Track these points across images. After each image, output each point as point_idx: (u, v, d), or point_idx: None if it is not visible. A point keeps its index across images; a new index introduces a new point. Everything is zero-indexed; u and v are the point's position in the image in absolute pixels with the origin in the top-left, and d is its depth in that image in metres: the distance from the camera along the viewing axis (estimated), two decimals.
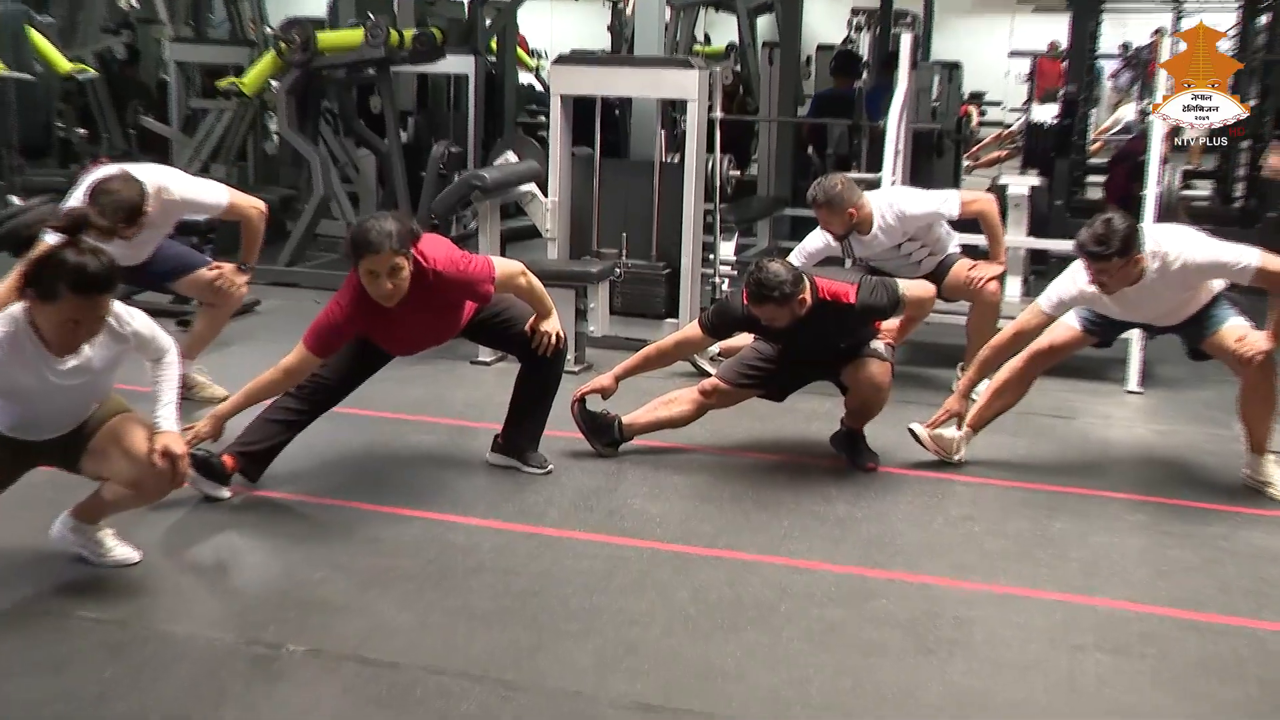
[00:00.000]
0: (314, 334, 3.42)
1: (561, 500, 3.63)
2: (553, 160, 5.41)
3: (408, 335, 3.57)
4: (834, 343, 3.84)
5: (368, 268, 3.29)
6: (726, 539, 3.37)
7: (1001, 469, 4.00)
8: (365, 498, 3.59)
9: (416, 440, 4.15)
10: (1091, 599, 3.05)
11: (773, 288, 3.58)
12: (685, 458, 4.05)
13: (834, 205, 4.45)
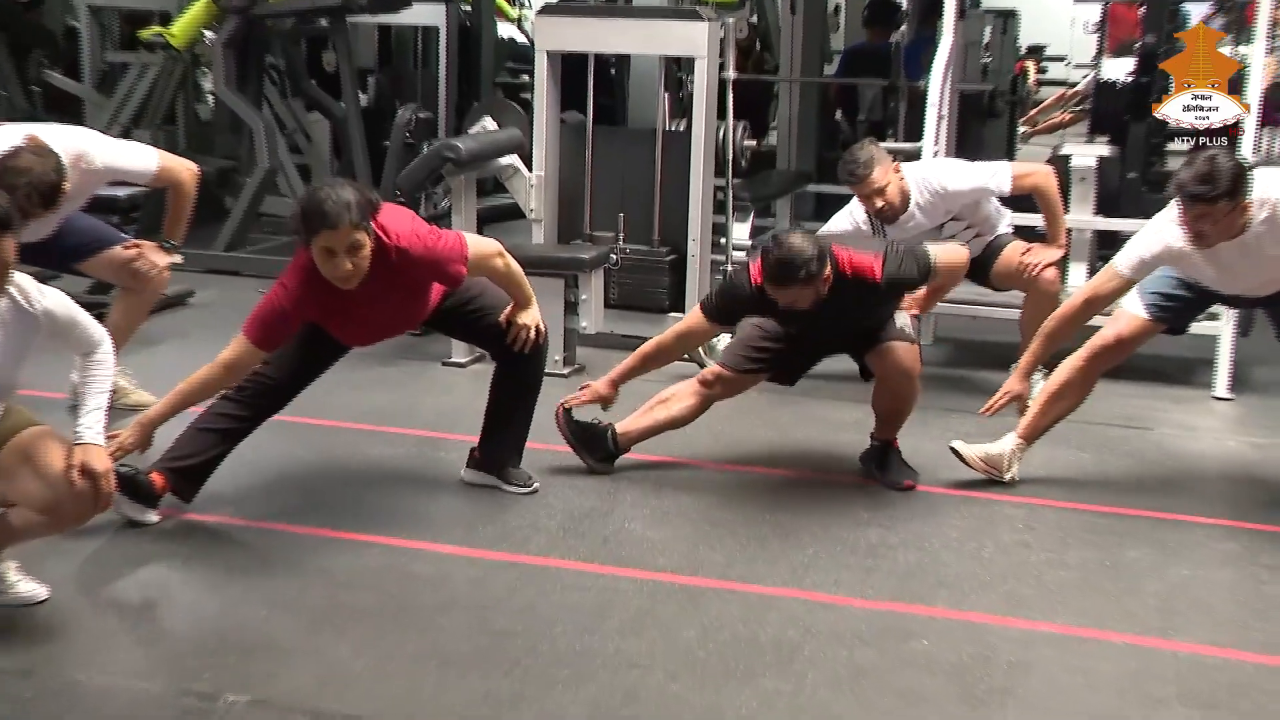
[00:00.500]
0: (256, 322, 3.42)
1: (548, 524, 3.66)
2: (538, 128, 5.45)
3: (365, 323, 3.58)
4: (855, 323, 3.86)
5: (323, 245, 3.29)
6: (740, 569, 3.40)
7: (1063, 488, 4.02)
8: (318, 522, 3.62)
9: (378, 454, 4.18)
10: (1170, 643, 3.07)
11: (797, 266, 3.56)
12: (692, 474, 4.08)
13: (867, 178, 4.48)
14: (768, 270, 3.61)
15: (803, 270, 3.56)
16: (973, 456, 3.95)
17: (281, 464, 4.07)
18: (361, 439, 4.31)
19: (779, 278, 3.59)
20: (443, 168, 5.12)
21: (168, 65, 7.64)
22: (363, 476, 4.00)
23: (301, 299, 3.42)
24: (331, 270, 3.32)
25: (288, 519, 3.63)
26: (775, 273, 3.59)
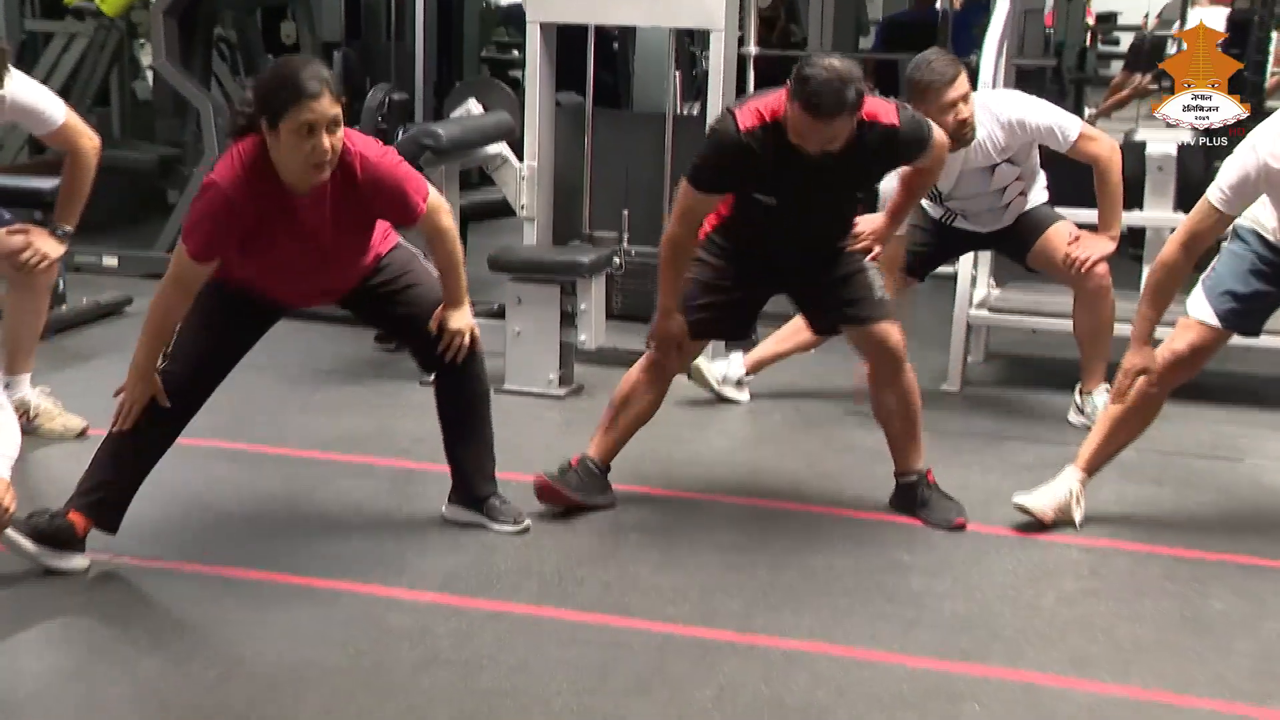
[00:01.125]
0: (194, 228, 3.41)
1: (542, 568, 3.70)
2: (530, 112, 5.50)
3: (302, 258, 3.55)
4: (844, 199, 3.90)
5: (303, 119, 3.28)
6: (762, 620, 3.44)
7: (1136, 528, 4.07)
8: (277, 566, 3.67)
9: (347, 488, 4.23)
10: (1266, 709, 3.09)
11: (848, 85, 3.49)
12: (706, 510, 4.13)
13: (955, 79, 4.47)
14: (810, 96, 3.51)
15: (853, 90, 3.53)
16: (1044, 509, 3.97)
17: (235, 499, 4.12)
18: (328, 470, 4.36)
19: (826, 105, 3.51)
20: (420, 157, 5.18)
21: (99, 36, 7.71)
22: (329, 514, 4.05)
23: (242, 189, 3.38)
24: (309, 152, 3.32)
25: (242, 563, 3.68)
26: (822, 98, 3.50)
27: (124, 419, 3.57)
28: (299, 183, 3.42)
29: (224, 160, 3.44)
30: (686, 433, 4.81)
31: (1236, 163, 3.69)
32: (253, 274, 3.63)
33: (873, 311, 3.96)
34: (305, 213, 3.47)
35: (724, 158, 3.76)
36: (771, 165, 3.72)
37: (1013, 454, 4.66)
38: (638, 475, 4.36)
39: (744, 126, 3.69)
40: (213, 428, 4.66)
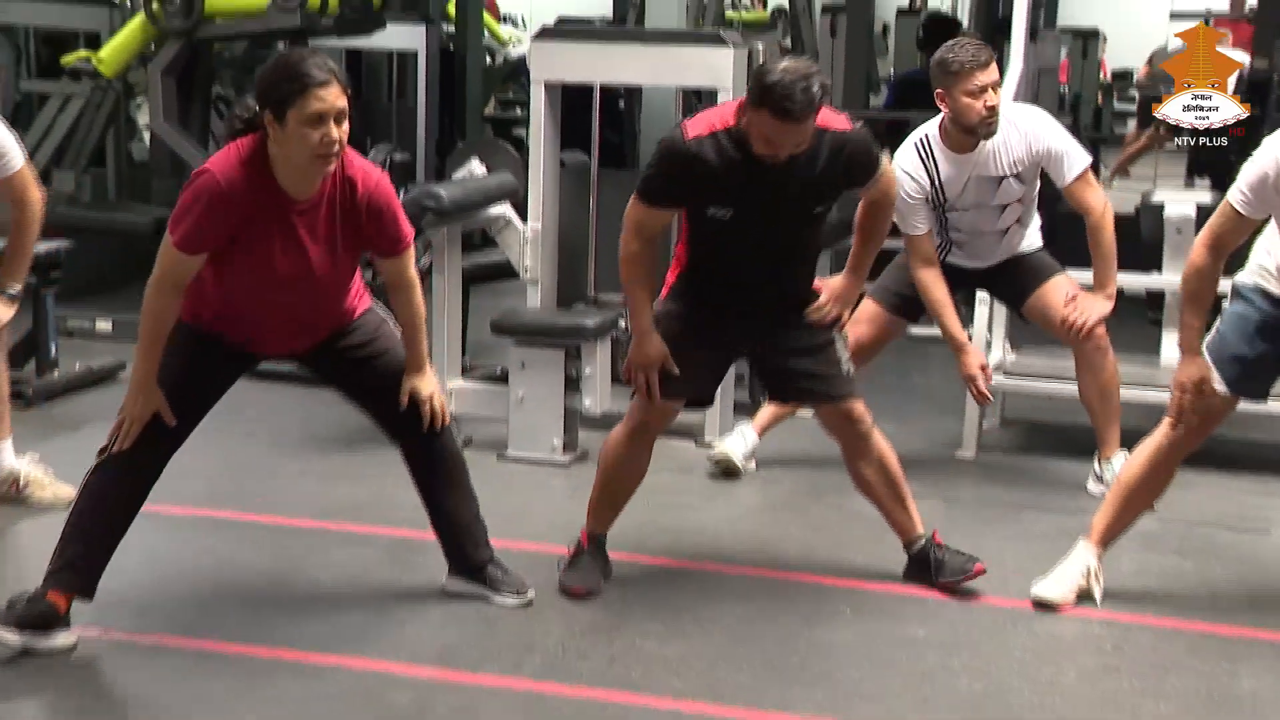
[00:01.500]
0: (184, 213, 3.37)
1: (545, 641, 3.70)
2: (534, 172, 5.55)
3: (287, 278, 3.52)
4: (802, 216, 3.88)
5: (313, 109, 3.30)
6: (772, 695, 3.43)
7: (1159, 601, 4.05)
8: (270, 639, 3.66)
9: (343, 558, 4.24)
10: None
11: (810, 81, 3.52)
12: (713, 581, 4.13)
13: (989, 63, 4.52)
14: (781, 100, 3.53)
15: (818, 84, 3.57)
16: (1065, 597, 3.95)
17: (226, 570, 4.12)
18: (324, 540, 4.37)
19: (799, 105, 3.54)
20: (422, 219, 5.21)
21: (95, 96, 7.78)
22: (324, 585, 4.05)
23: (240, 180, 3.37)
24: (317, 142, 3.33)
25: (233, 637, 3.68)
26: (794, 100, 3.53)
27: (124, 438, 3.52)
28: (301, 181, 3.43)
29: (221, 153, 3.44)
30: (692, 500, 4.81)
31: (1255, 163, 3.70)
32: (230, 301, 3.58)
33: (841, 389, 3.99)
34: (300, 218, 3.48)
35: (672, 167, 3.78)
36: (723, 174, 3.74)
37: (1030, 523, 4.65)
38: (642, 545, 4.36)
39: (692, 134, 3.74)
40: (203, 495, 4.70)
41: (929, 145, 4.74)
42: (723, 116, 3.76)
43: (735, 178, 3.74)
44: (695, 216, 3.89)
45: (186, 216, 3.38)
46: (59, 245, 5.95)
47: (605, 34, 6.69)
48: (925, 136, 4.76)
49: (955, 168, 4.73)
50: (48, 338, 5.83)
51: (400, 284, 3.72)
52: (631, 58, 5.45)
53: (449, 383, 5.40)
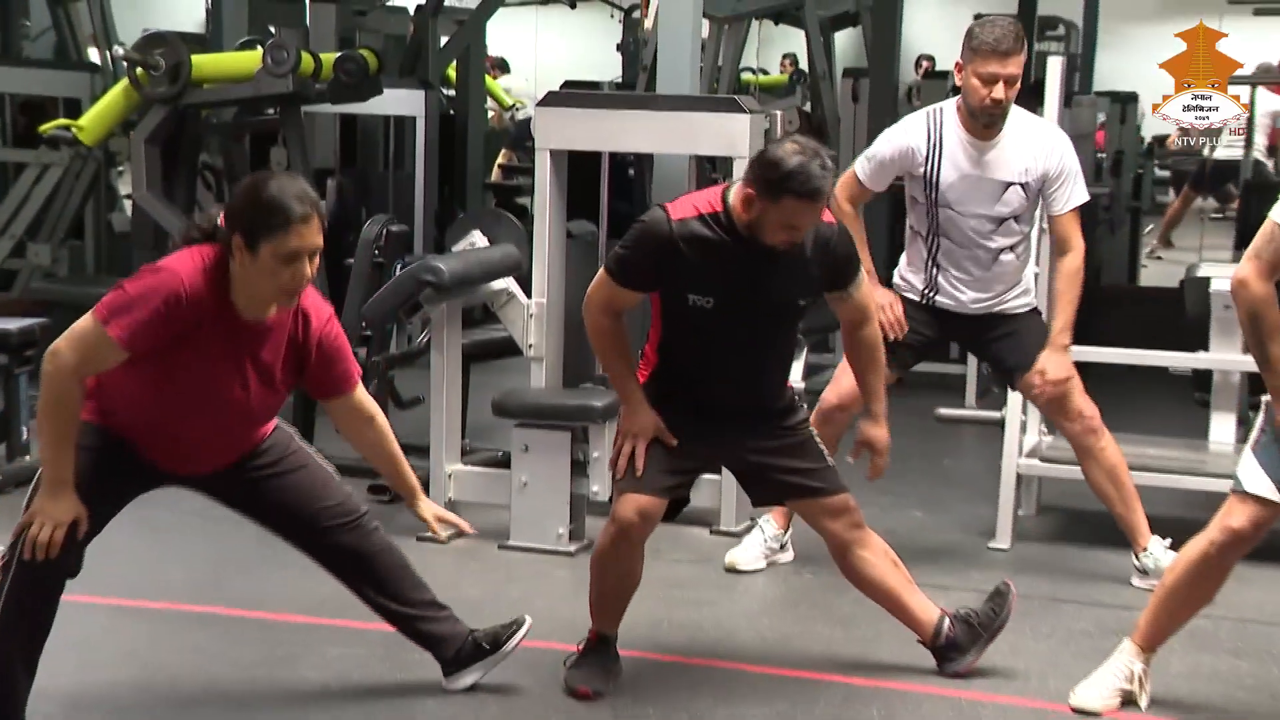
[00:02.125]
0: (131, 305, 3.30)
1: None
2: (538, 244, 5.59)
3: (217, 396, 3.51)
4: (783, 311, 3.96)
5: (291, 246, 3.34)
6: None
7: (1212, 709, 4.00)
8: None
9: (336, 655, 4.22)
10: None
11: (823, 158, 3.64)
12: (732, 680, 4.10)
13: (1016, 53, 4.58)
14: (805, 182, 3.62)
15: (828, 159, 3.68)
16: (1107, 703, 3.90)
17: (212, 668, 4.11)
18: (314, 636, 4.35)
19: (821, 184, 3.64)
20: (420, 294, 5.25)
21: (74, 165, 7.87)
22: (316, 685, 4.03)
23: (199, 285, 3.35)
24: (287, 279, 3.37)
25: None
26: (814, 179, 3.62)
27: (49, 545, 3.34)
28: (257, 307, 3.45)
29: (182, 255, 3.43)
30: (709, 593, 4.80)
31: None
32: (148, 410, 3.53)
33: (832, 482, 4.04)
34: (248, 342, 3.49)
35: (648, 250, 3.84)
36: (709, 259, 3.79)
37: (1069, 618, 4.63)
38: (655, 641, 4.34)
39: (676, 217, 3.79)
40: (184, 588, 4.70)
41: (939, 119, 4.77)
42: (709, 200, 3.83)
43: (722, 263, 3.80)
44: (673, 305, 3.93)
45: (135, 309, 3.32)
46: (34, 322, 6.00)
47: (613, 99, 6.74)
48: (940, 109, 4.82)
49: (962, 154, 4.74)
50: (20, 420, 5.85)
51: (360, 418, 3.78)
52: (641, 124, 5.50)
53: (447, 466, 5.40)
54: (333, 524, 3.80)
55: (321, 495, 3.79)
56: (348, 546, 3.82)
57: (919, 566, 4.88)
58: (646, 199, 6.90)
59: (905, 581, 4.13)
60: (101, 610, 4.50)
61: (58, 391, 3.36)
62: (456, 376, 5.56)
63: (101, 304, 3.35)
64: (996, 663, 4.14)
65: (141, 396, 3.51)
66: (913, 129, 4.79)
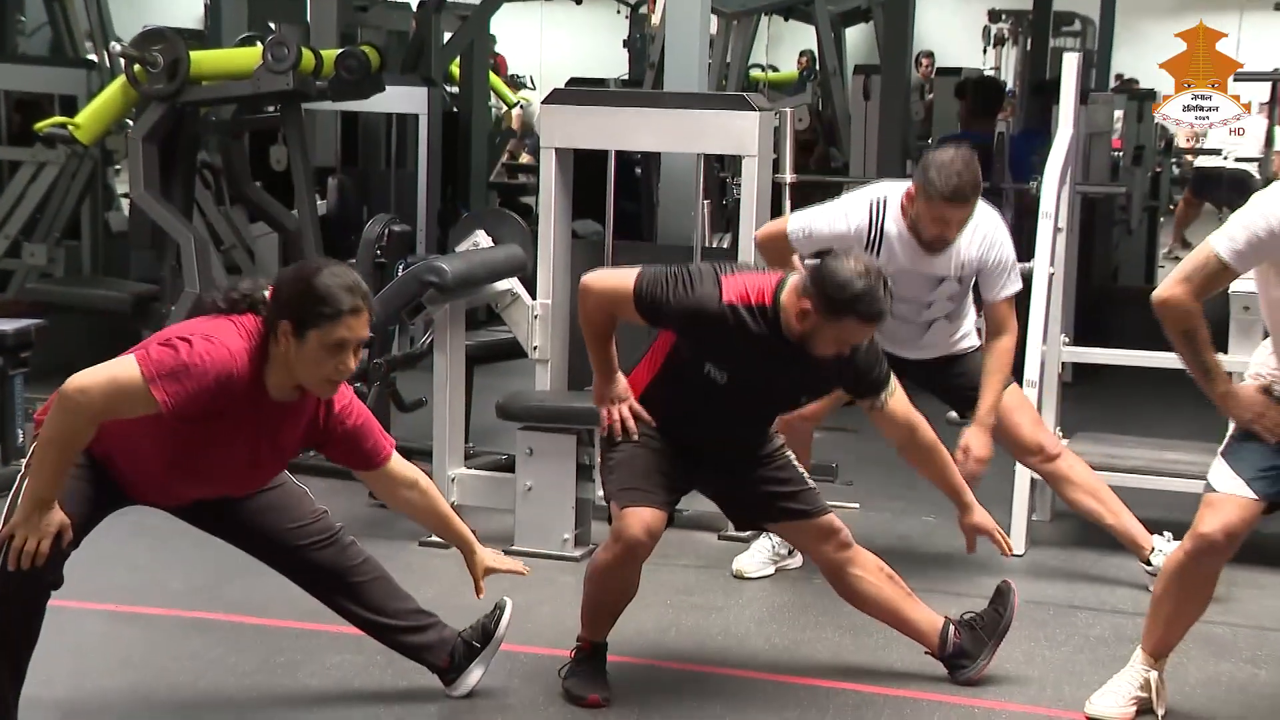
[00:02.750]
0: (183, 374, 3.30)
1: None
2: (543, 244, 5.60)
3: (222, 462, 3.55)
4: (785, 400, 4.07)
5: (338, 337, 3.40)
6: None
7: (1229, 718, 4.01)
8: None
9: (337, 662, 4.23)
10: None
11: (880, 277, 3.72)
12: (741, 689, 4.12)
13: (968, 203, 4.62)
14: (863, 305, 3.71)
15: (890, 283, 3.77)
16: (1123, 712, 3.90)
17: (211, 676, 4.13)
18: (314, 643, 4.36)
19: (884, 307, 3.74)
20: (423, 295, 5.26)
21: (70, 164, 7.89)
22: (316, 692, 4.05)
23: (245, 369, 3.39)
24: (331, 369, 3.43)
25: None
26: (876, 301, 3.72)
27: (35, 554, 3.35)
28: (288, 390, 3.49)
29: (230, 330, 3.43)
30: (716, 599, 4.81)
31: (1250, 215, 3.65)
32: (149, 465, 3.56)
33: (811, 504, 4.10)
34: (269, 419, 3.52)
35: (686, 315, 3.86)
36: (742, 346, 3.85)
37: (1084, 625, 4.64)
38: (662, 648, 4.36)
39: (728, 299, 3.82)
40: (182, 594, 4.72)
41: (882, 211, 4.75)
42: (760, 290, 3.86)
43: (752, 351, 3.86)
44: (685, 363, 3.97)
45: (186, 380, 3.33)
46: (30, 324, 6.01)
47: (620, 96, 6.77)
48: (883, 200, 4.77)
49: (900, 249, 4.73)
50: (15, 423, 5.87)
51: (401, 485, 3.81)
52: (648, 122, 5.52)
53: (450, 470, 5.41)
54: (308, 542, 3.83)
55: (295, 514, 3.83)
56: (324, 563, 3.86)
57: (931, 573, 4.92)
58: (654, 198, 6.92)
59: (903, 594, 4.16)
60: (98, 616, 4.52)
61: (75, 428, 3.36)
62: (460, 379, 5.57)
63: (149, 358, 3.32)
64: (1010, 670, 4.16)
65: (144, 453, 3.54)
66: (855, 216, 4.76)
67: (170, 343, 3.36)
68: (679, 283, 3.85)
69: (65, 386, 3.31)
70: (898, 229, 4.71)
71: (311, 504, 3.86)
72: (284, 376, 3.46)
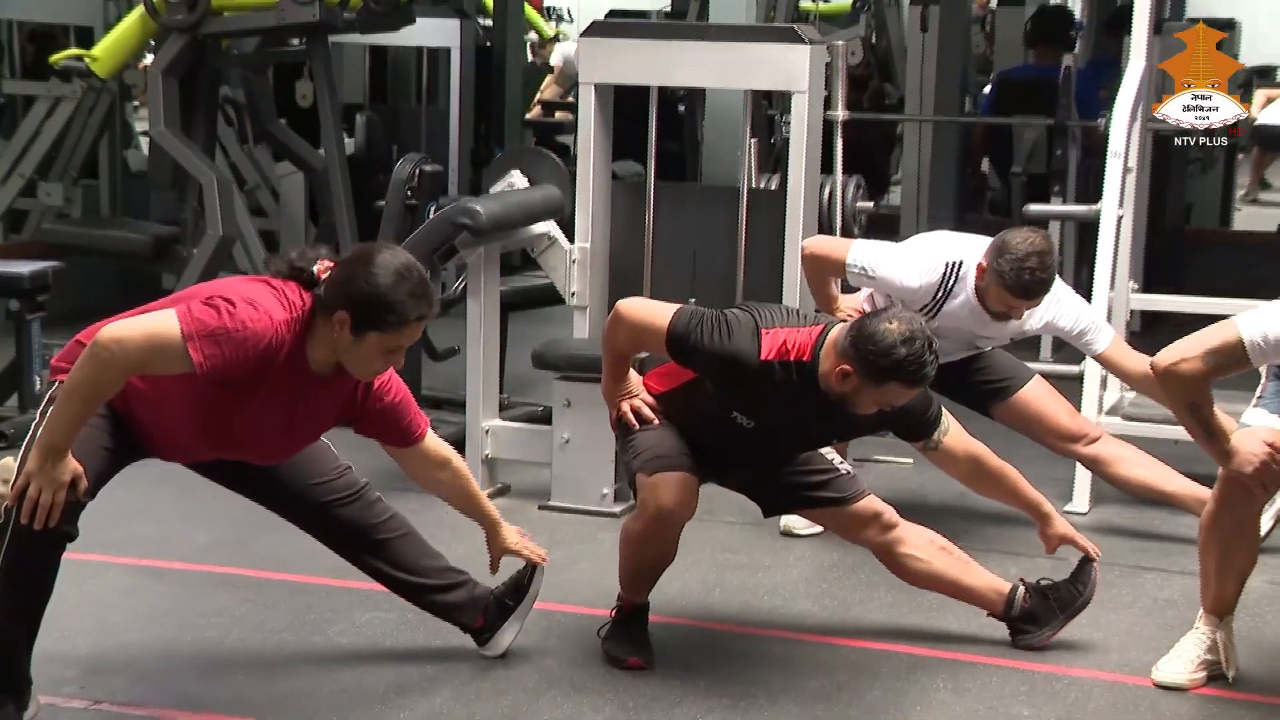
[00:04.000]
0: (221, 337, 3.32)
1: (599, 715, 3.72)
2: (582, 185, 5.60)
3: (254, 430, 3.57)
4: (814, 443, 4.08)
5: (399, 343, 3.48)
6: None
7: None
8: (284, 713, 3.70)
9: (367, 620, 4.27)
10: None
11: (927, 340, 3.67)
12: (789, 650, 4.14)
13: (1041, 296, 4.65)
14: (906, 371, 3.64)
15: (937, 344, 3.73)
16: (1192, 677, 3.92)
17: (236, 633, 4.17)
18: (344, 600, 4.40)
19: (929, 372, 3.69)
20: (456, 239, 5.27)
21: (88, 99, 7.93)
22: (347, 650, 4.09)
23: (288, 340, 3.43)
24: (380, 367, 3.52)
25: (242, 710, 3.71)
26: (920, 366, 3.66)
27: (51, 509, 3.35)
28: (329, 367, 3.52)
29: (275, 298, 3.45)
30: (763, 557, 4.83)
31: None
32: (177, 429, 3.59)
33: (846, 489, 4.09)
34: (307, 390, 3.55)
35: (719, 367, 3.86)
36: (776, 399, 3.84)
37: (1152, 587, 4.63)
38: (707, 608, 4.38)
39: (765, 355, 3.81)
40: (207, 549, 4.77)
41: (954, 278, 4.72)
42: (799, 346, 3.82)
43: (783, 402, 3.85)
44: (710, 405, 3.94)
45: (226, 345, 3.35)
46: (46, 266, 6.05)
47: (663, 29, 6.73)
48: (959, 265, 4.73)
49: (965, 316, 4.75)
50: (32, 369, 5.92)
51: (432, 465, 3.85)
52: (693, 56, 5.50)
53: (483, 422, 5.44)
54: (331, 499, 3.86)
55: (317, 470, 3.85)
56: (349, 520, 3.88)
57: (988, 531, 4.92)
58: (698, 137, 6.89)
59: (960, 564, 4.16)
60: (120, 570, 4.58)
61: (104, 380, 3.38)
62: (494, 326, 5.59)
63: (191, 315, 3.34)
64: (1074, 634, 4.16)
65: (171, 413, 3.56)
66: (926, 275, 4.72)
67: (214, 302, 3.38)
68: (716, 329, 3.83)
69: (100, 336, 3.33)
70: (965, 295, 4.71)
71: (335, 459, 3.89)
72: (327, 355, 3.50)
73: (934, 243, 4.88)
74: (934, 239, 4.93)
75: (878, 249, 4.77)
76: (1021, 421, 5.01)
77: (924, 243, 4.90)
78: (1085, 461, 5.08)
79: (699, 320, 3.85)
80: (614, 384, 4.07)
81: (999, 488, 4.18)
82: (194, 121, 7.25)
